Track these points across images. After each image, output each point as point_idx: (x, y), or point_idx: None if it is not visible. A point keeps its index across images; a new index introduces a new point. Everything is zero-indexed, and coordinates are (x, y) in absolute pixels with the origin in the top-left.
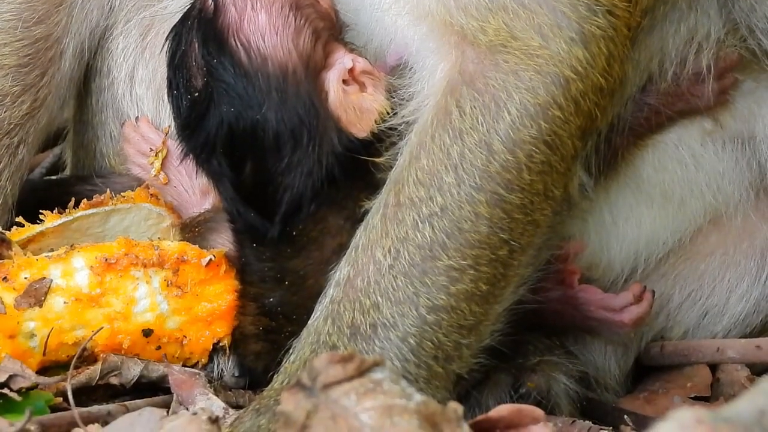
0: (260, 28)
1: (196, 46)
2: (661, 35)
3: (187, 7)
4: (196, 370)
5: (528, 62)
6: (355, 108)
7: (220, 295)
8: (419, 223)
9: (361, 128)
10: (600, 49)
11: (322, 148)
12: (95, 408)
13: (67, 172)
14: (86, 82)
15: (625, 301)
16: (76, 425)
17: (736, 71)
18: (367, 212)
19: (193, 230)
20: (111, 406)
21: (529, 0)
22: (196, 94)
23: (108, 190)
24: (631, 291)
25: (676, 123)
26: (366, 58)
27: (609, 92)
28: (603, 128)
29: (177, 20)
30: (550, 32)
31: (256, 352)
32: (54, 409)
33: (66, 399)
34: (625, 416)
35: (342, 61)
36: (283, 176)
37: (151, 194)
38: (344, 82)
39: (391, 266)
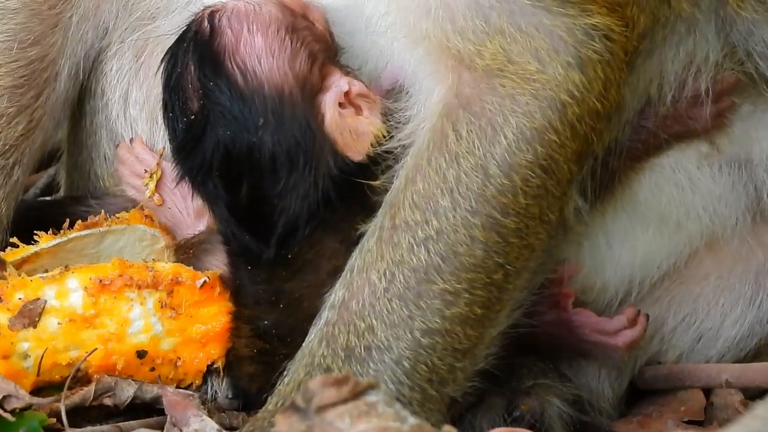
0: (256, 51)
1: (192, 68)
2: (661, 59)
3: (182, 29)
4: (190, 392)
5: (525, 86)
6: (351, 131)
7: (214, 316)
8: (415, 246)
9: (357, 151)
10: (597, 73)
11: (318, 170)
12: (89, 429)
13: (62, 193)
14: (80, 103)
15: (619, 324)
16: None
17: (734, 94)
18: (362, 235)
19: (187, 251)
20: (105, 427)
21: (527, 24)
22: (192, 116)
23: (102, 211)
24: (626, 315)
25: (673, 146)
26: (362, 81)
27: (605, 116)
28: (599, 152)
29: (172, 41)
30: (547, 56)
31: (250, 374)
32: (48, 429)
33: (60, 420)
34: None
35: (338, 84)
36: (279, 199)
37: (146, 215)
38: (340, 105)
39: (386, 289)
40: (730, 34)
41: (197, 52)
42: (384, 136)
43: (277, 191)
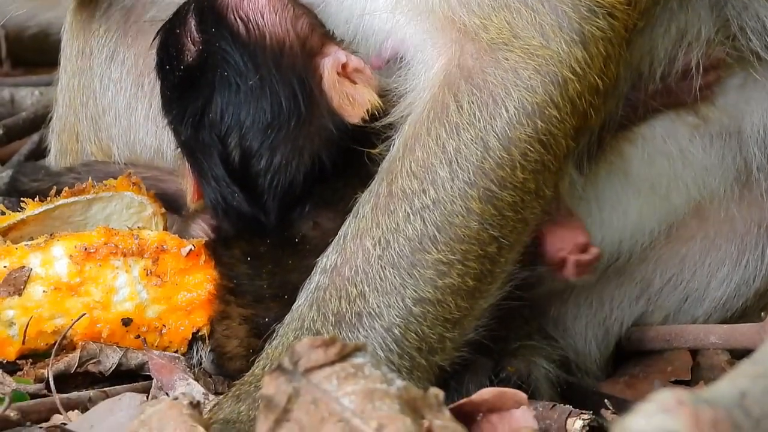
0: (260, 8)
1: (192, 22)
2: (651, 36)
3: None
4: (177, 355)
5: (528, 61)
6: (348, 94)
7: (199, 284)
8: (411, 215)
9: (352, 114)
10: (598, 50)
11: (311, 125)
12: (75, 394)
13: (51, 156)
14: (72, 61)
15: None
16: (56, 411)
17: (725, 68)
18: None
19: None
20: (91, 393)
21: None
22: (191, 60)
23: (90, 178)
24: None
25: (665, 116)
26: (360, 58)
27: (604, 93)
28: (595, 128)
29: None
30: (551, 32)
31: (242, 369)
32: (34, 396)
33: (47, 386)
34: (606, 400)
35: (337, 54)
36: (273, 153)
37: (134, 183)
38: (337, 73)
39: (380, 256)
40: (724, 8)
41: (198, 10)
42: (380, 109)
43: (269, 143)
